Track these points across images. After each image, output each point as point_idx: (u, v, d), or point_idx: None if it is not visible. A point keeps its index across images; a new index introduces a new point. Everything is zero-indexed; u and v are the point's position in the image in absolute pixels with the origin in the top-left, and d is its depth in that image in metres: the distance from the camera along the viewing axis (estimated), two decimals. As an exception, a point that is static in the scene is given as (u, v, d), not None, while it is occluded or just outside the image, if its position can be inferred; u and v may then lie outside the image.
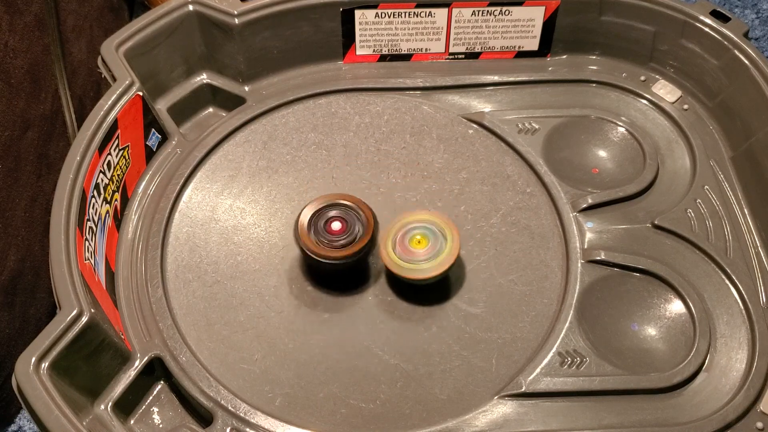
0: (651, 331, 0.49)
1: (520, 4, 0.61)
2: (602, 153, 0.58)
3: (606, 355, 0.47)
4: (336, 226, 0.49)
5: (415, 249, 0.49)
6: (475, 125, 0.58)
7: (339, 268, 0.49)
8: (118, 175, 0.53)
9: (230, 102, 0.61)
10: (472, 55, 0.63)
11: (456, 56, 0.63)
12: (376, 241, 0.49)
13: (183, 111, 0.60)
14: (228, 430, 0.44)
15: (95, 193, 0.50)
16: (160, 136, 0.57)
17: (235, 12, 0.58)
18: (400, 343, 0.48)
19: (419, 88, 0.60)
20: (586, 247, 0.52)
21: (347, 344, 0.48)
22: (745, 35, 0.58)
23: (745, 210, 0.54)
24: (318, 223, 0.49)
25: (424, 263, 0.48)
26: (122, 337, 0.47)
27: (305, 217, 0.49)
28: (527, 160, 0.56)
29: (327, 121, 0.58)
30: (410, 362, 0.47)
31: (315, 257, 0.48)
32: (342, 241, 0.48)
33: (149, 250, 0.51)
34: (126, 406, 0.46)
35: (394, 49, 0.63)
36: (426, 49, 0.63)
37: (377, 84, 0.60)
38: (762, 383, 0.46)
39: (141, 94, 0.54)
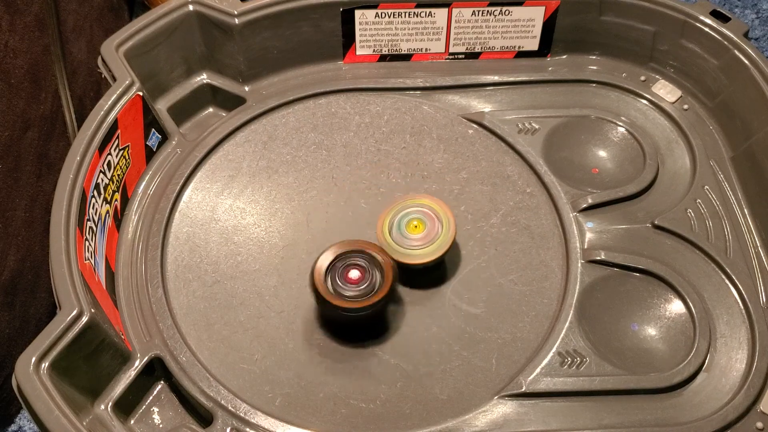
0: (651, 331, 0.49)
1: (520, 4, 0.61)
2: (602, 153, 0.58)
3: (606, 355, 0.47)
4: (354, 274, 0.47)
5: (411, 234, 0.49)
6: (475, 125, 0.58)
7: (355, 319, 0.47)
8: (118, 175, 0.53)
9: (230, 102, 0.61)
10: (472, 55, 0.63)
11: (456, 56, 0.63)
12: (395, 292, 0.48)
13: (183, 111, 0.60)
14: (228, 430, 0.44)
15: (95, 193, 0.50)
16: (160, 136, 0.57)
17: (235, 12, 0.58)
18: (400, 343, 0.48)
19: (419, 88, 0.60)
20: (586, 247, 0.52)
21: (347, 344, 0.48)
22: (745, 35, 0.58)
23: (745, 210, 0.54)
24: (336, 272, 0.47)
25: (420, 249, 0.48)
26: (122, 337, 0.47)
27: (323, 263, 0.47)
28: (527, 160, 0.56)
29: (327, 121, 0.58)
30: (410, 362, 0.47)
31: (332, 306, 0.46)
32: (360, 291, 0.46)
33: (149, 250, 0.51)
34: (126, 406, 0.46)
35: (394, 49, 0.63)
36: (426, 49, 0.63)
37: (377, 84, 0.60)
38: (762, 383, 0.46)
39: (141, 94, 0.54)
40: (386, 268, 0.46)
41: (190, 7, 0.58)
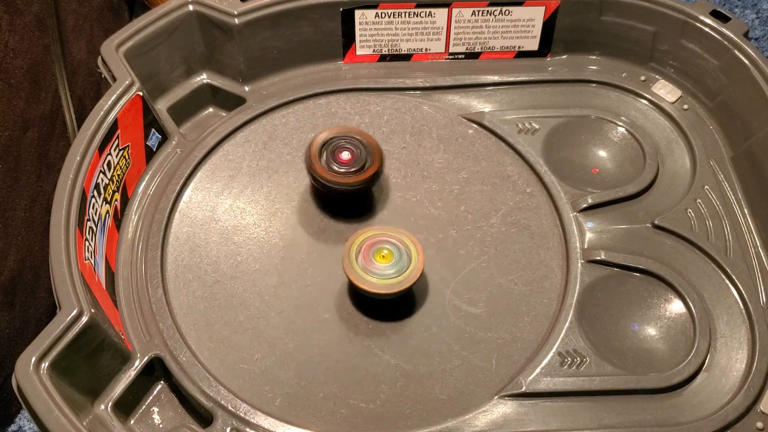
0: (651, 331, 0.49)
1: (520, 4, 0.61)
2: (602, 153, 0.58)
3: (606, 355, 0.47)
4: (345, 155, 0.52)
5: (379, 263, 0.48)
6: (475, 125, 0.58)
7: (348, 193, 0.51)
8: (118, 175, 0.53)
9: (230, 102, 0.61)
10: (472, 55, 0.63)
11: (456, 56, 0.63)
12: (383, 170, 0.52)
13: (183, 111, 0.60)
14: (228, 430, 0.44)
15: (95, 193, 0.50)
16: (160, 136, 0.57)
17: (235, 12, 0.58)
18: (400, 343, 0.48)
19: (419, 88, 0.60)
20: (586, 247, 0.52)
21: (347, 344, 0.48)
22: (745, 35, 0.58)
23: (745, 210, 0.54)
24: (327, 152, 0.52)
25: (384, 279, 0.47)
26: (122, 337, 0.47)
27: (316, 146, 0.52)
28: (527, 160, 0.56)
29: (327, 121, 0.58)
30: (410, 362, 0.47)
31: (326, 183, 0.51)
32: (352, 169, 0.51)
33: (149, 250, 0.51)
34: (126, 406, 0.46)
35: (394, 49, 0.63)
36: (426, 49, 0.63)
37: (377, 84, 0.60)
38: (762, 383, 0.46)
39: (141, 94, 0.54)
40: (374, 149, 0.52)
41: (190, 7, 0.58)
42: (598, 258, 0.51)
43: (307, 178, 0.55)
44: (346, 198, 0.53)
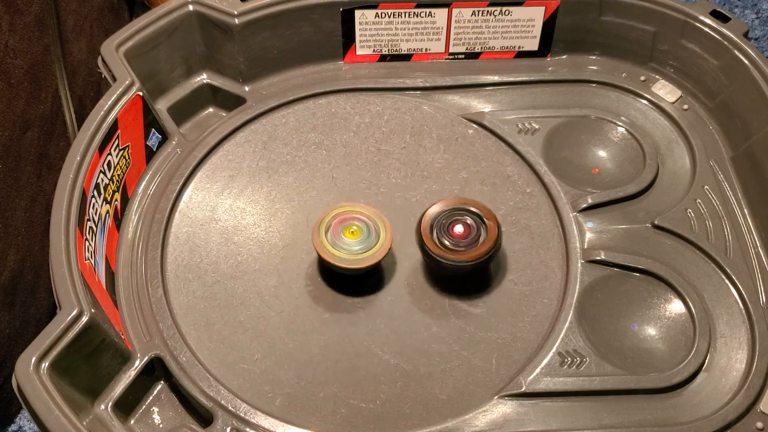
0: (651, 331, 0.49)
1: (520, 4, 0.61)
2: (602, 153, 0.58)
3: (606, 355, 0.47)
4: (459, 229, 0.49)
5: (347, 239, 0.49)
6: (475, 125, 0.58)
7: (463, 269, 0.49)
8: (118, 175, 0.53)
9: (230, 102, 0.61)
10: (472, 55, 0.63)
11: (456, 56, 0.63)
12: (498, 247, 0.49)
13: (183, 111, 0.60)
14: (228, 430, 0.44)
15: (95, 193, 0.50)
16: (160, 136, 0.57)
17: (235, 12, 0.58)
18: (400, 343, 0.48)
19: (419, 88, 0.60)
20: (586, 247, 0.52)
21: (347, 344, 0.48)
22: (745, 35, 0.58)
23: (745, 210, 0.54)
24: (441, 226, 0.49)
25: (353, 254, 0.48)
26: (122, 337, 0.47)
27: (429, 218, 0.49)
28: (527, 160, 0.56)
29: (327, 121, 0.58)
30: (410, 362, 0.47)
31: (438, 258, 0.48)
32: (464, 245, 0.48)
33: (149, 250, 0.51)
34: (126, 406, 0.46)
35: (394, 49, 0.63)
36: (426, 49, 0.63)
37: (377, 84, 0.60)
38: (762, 383, 0.46)
39: (141, 94, 0.54)
40: (491, 224, 0.49)
41: (190, 7, 0.58)
42: (598, 258, 0.51)
43: (307, 178, 0.56)
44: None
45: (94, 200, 0.49)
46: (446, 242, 0.48)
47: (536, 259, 0.52)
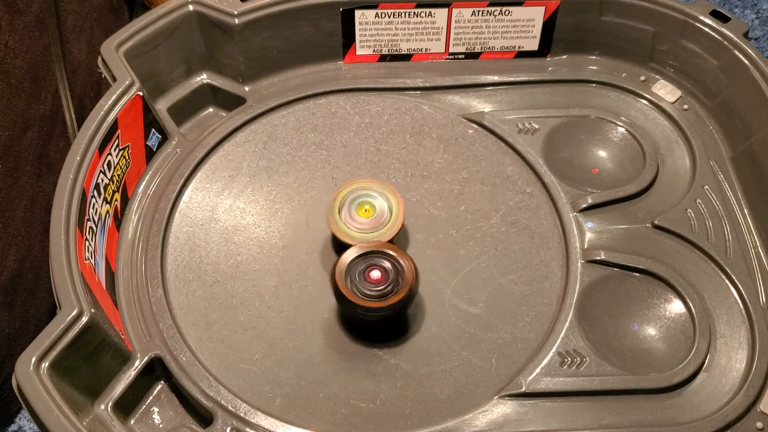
0: (651, 331, 0.49)
1: (520, 4, 0.61)
2: (602, 153, 0.58)
3: (606, 355, 0.47)
4: (375, 275, 0.47)
5: (361, 217, 0.49)
6: (475, 125, 0.58)
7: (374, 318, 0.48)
8: (118, 175, 0.53)
9: (230, 102, 0.61)
10: (472, 55, 0.63)
11: (456, 56, 0.63)
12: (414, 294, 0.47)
13: (183, 111, 0.60)
14: (228, 430, 0.44)
15: (95, 193, 0.50)
16: (160, 136, 0.57)
17: (235, 12, 0.58)
18: (400, 343, 0.48)
19: (419, 88, 0.60)
20: (586, 247, 0.52)
21: (347, 344, 0.48)
22: (745, 35, 0.58)
23: (745, 210, 0.54)
24: (356, 271, 0.47)
25: (368, 233, 0.49)
26: (122, 337, 0.47)
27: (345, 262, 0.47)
28: (527, 160, 0.56)
29: (327, 121, 0.58)
30: (410, 362, 0.47)
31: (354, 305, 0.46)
32: (380, 292, 0.46)
33: (149, 250, 0.51)
34: (126, 406, 0.46)
35: (394, 49, 0.63)
36: (426, 49, 0.63)
37: (377, 84, 0.60)
38: (762, 383, 0.46)
39: (141, 94, 0.54)
40: (407, 271, 0.47)
41: (190, 7, 0.58)
42: (598, 258, 0.51)
43: (307, 178, 0.56)
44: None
45: (94, 200, 0.49)
46: (364, 290, 0.46)
47: (536, 259, 0.52)
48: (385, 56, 0.63)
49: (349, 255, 0.47)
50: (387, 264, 0.47)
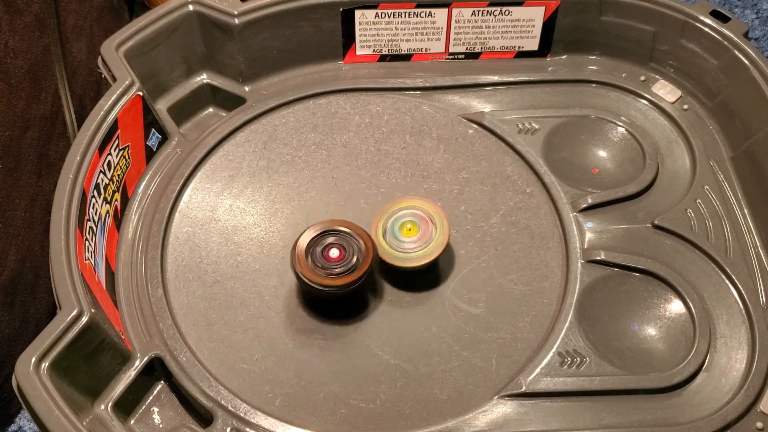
0: (651, 331, 0.49)
1: (520, 4, 0.61)
2: (602, 153, 0.58)
3: (606, 355, 0.47)
4: (334, 253, 0.48)
5: (405, 237, 0.49)
6: (475, 125, 0.58)
7: (334, 296, 0.48)
8: (118, 175, 0.53)
9: (230, 102, 0.61)
10: (472, 55, 0.63)
11: (456, 56, 0.63)
12: (373, 271, 0.48)
13: (183, 111, 0.60)
14: (228, 430, 0.44)
15: (95, 193, 0.50)
16: (160, 136, 0.57)
17: (235, 12, 0.58)
18: (400, 343, 0.48)
19: (419, 88, 0.60)
20: (586, 247, 0.52)
21: (347, 344, 0.48)
22: (745, 35, 0.58)
23: (745, 210, 0.54)
24: (316, 250, 0.48)
25: (414, 252, 0.49)
26: (122, 337, 0.47)
27: (303, 243, 0.48)
28: (527, 160, 0.56)
29: (327, 121, 0.58)
30: (410, 362, 0.47)
31: (311, 284, 0.47)
32: (339, 269, 0.47)
33: (149, 250, 0.51)
34: (126, 406, 0.46)
35: (394, 49, 0.63)
36: (426, 49, 0.63)
37: (377, 84, 0.60)
38: (762, 383, 0.46)
39: (141, 94, 0.54)
40: (366, 247, 0.48)
41: (190, 7, 0.58)
42: (598, 258, 0.51)
43: (307, 178, 0.56)
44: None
45: (94, 200, 0.49)
46: (321, 267, 0.47)
47: (536, 259, 0.52)
48: (385, 56, 0.63)
49: (303, 240, 0.48)
50: (342, 241, 0.48)
